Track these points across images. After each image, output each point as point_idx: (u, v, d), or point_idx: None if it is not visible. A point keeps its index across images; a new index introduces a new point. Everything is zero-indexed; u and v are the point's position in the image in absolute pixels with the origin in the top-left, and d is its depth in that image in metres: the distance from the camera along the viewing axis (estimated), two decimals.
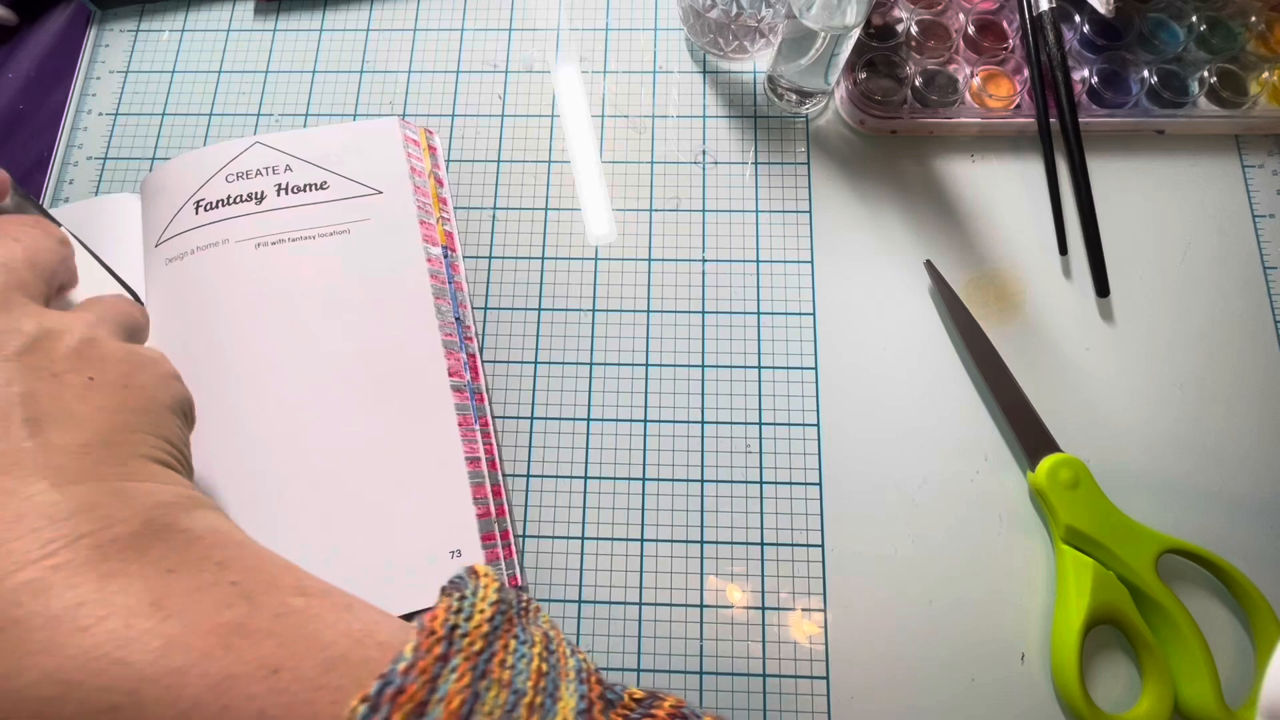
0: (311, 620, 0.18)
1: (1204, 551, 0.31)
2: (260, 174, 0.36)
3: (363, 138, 0.37)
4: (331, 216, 0.35)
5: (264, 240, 0.35)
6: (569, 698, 0.18)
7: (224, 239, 0.34)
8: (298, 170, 0.36)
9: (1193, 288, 0.36)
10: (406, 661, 0.17)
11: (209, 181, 0.35)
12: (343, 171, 0.36)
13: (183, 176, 0.36)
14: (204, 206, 0.35)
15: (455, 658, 0.18)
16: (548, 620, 0.22)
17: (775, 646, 0.31)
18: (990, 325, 0.35)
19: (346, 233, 0.35)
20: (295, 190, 0.36)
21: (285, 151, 0.36)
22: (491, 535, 0.32)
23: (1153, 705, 0.29)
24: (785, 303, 0.36)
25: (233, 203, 0.35)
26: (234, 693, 0.17)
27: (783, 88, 0.38)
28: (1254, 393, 0.34)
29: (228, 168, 0.36)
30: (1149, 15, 0.39)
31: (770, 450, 0.34)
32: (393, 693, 0.16)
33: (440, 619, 0.18)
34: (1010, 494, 0.33)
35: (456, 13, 0.42)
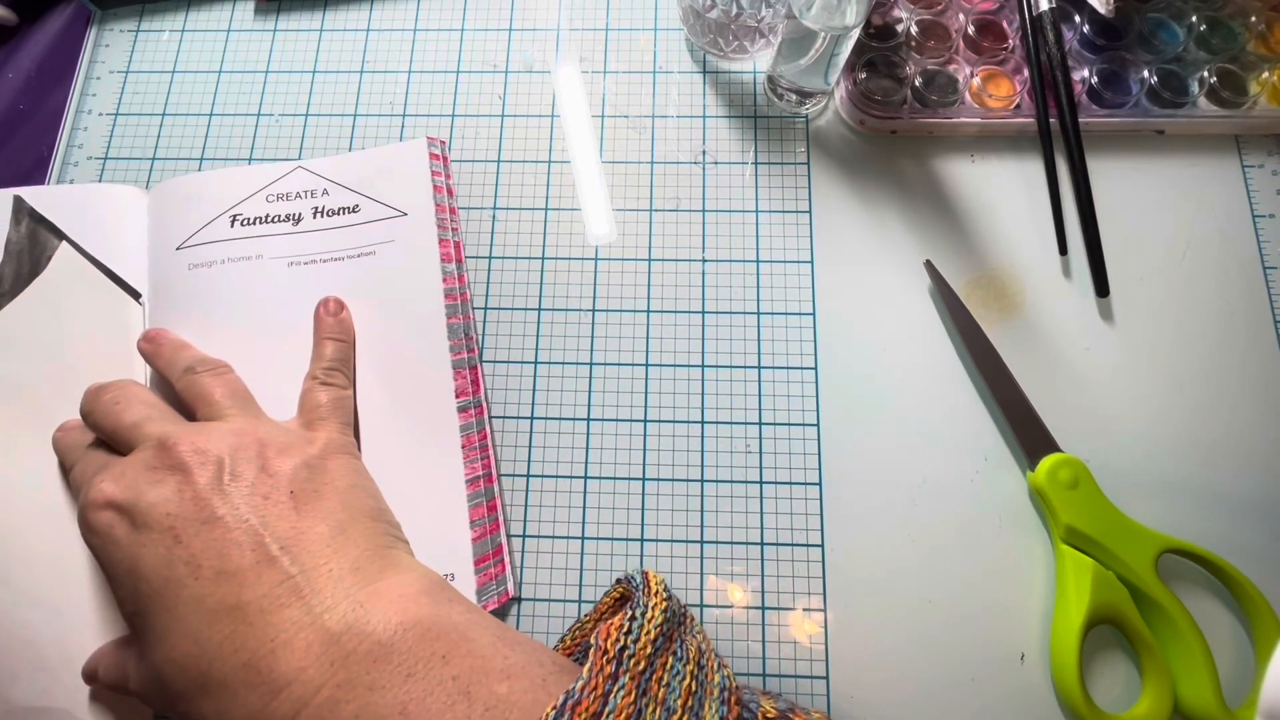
0: (510, 712, 0.22)
1: (1204, 551, 0.31)
2: (300, 197, 0.36)
3: (394, 160, 0.37)
4: (360, 239, 0.36)
5: (297, 260, 0.35)
6: (711, 716, 0.22)
7: (258, 254, 0.35)
8: (334, 194, 0.37)
9: (1193, 288, 0.36)
10: (584, 681, 0.21)
11: (249, 199, 0.36)
12: (374, 195, 0.37)
13: (221, 189, 0.36)
14: (241, 221, 0.36)
15: (623, 676, 0.21)
16: (701, 631, 0.25)
17: (775, 646, 0.31)
18: (990, 325, 0.35)
19: (372, 254, 0.36)
20: (330, 214, 0.36)
21: (324, 176, 0.37)
22: (485, 557, 0.32)
23: (1152, 705, 0.29)
24: (785, 303, 0.36)
25: (271, 221, 0.36)
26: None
27: (783, 88, 0.38)
28: (1254, 393, 0.34)
29: (270, 188, 0.36)
30: (1149, 15, 0.39)
31: (770, 450, 0.34)
32: (572, 704, 0.20)
33: (613, 639, 0.22)
34: (1010, 494, 0.33)
35: (456, 13, 0.42)
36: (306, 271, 0.35)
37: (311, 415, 0.31)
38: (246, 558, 0.24)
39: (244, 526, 0.25)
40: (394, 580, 0.25)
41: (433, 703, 0.22)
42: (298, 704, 0.22)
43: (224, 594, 0.24)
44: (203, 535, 0.24)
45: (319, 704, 0.22)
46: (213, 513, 0.25)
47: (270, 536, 0.25)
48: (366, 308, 0.35)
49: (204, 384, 0.30)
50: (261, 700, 0.22)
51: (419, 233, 0.36)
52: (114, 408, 0.29)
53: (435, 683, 0.22)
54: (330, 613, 0.24)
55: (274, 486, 0.26)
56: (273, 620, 0.23)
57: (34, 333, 0.34)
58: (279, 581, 0.24)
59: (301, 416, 0.31)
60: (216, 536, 0.24)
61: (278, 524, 0.25)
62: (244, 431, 0.28)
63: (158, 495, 0.25)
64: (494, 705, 0.22)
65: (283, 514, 0.25)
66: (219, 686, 0.23)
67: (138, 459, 0.26)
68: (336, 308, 0.34)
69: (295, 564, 0.25)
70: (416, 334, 0.34)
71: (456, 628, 0.24)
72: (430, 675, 0.22)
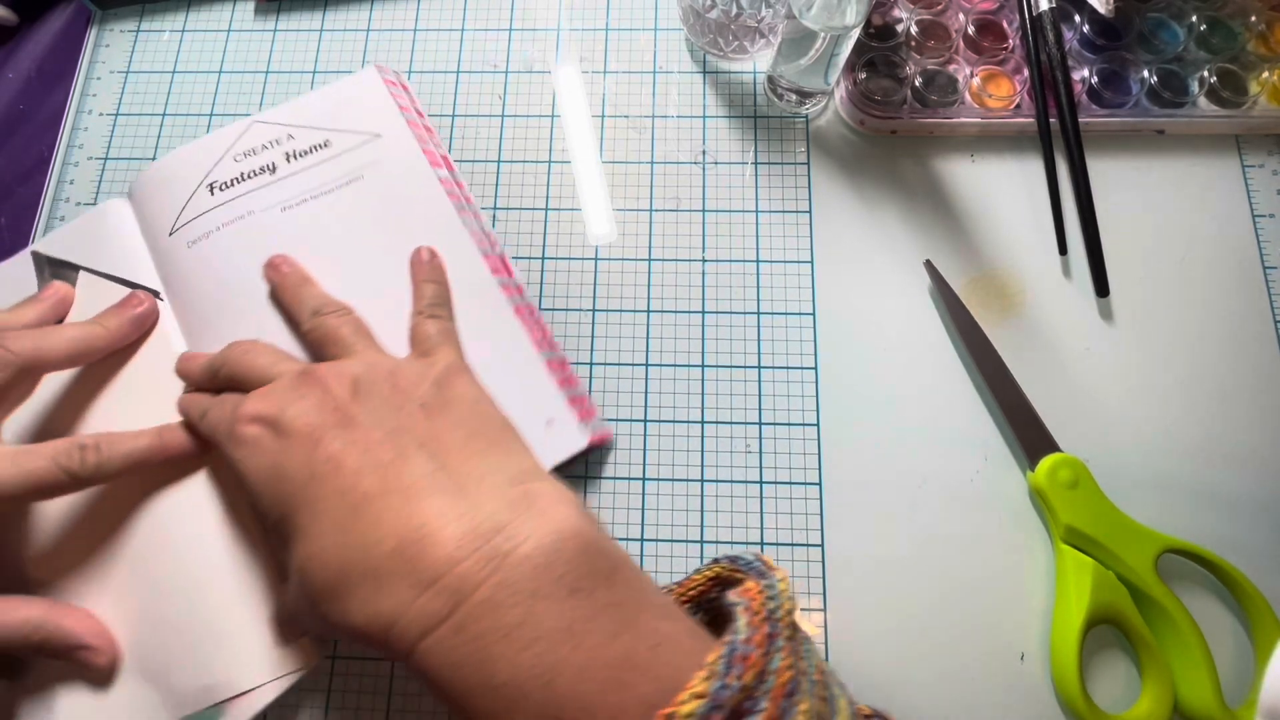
0: (675, 653, 0.21)
1: (1204, 551, 0.31)
2: (266, 147, 0.37)
3: (349, 90, 0.38)
4: (341, 169, 0.36)
5: (287, 204, 0.36)
6: (840, 695, 0.21)
7: (248, 211, 0.35)
8: (299, 136, 0.37)
9: (1193, 288, 0.36)
10: (744, 635, 0.20)
11: (218, 164, 0.36)
12: (340, 126, 0.37)
13: (187, 165, 0.36)
14: (219, 187, 0.36)
15: (779, 639, 0.20)
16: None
17: None
18: (990, 325, 0.35)
19: (361, 179, 0.36)
20: (303, 154, 0.37)
21: (283, 123, 0.37)
22: (577, 399, 0.33)
23: (1152, 705, 0.29)
24: (785, 303, 0.36)
25: (248, 178, 0.36)
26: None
27: (783, 88, 0.38)
28: (1254, 393, 0.34)
29: (233, 149, 0.37)
30: (1149, 15, 0.39)
31: (770, 450, 0.34)
32: (740, 657, 0.19)
33: (759, 601, 0.21)
34: (1010, 494, 0.33)
35: (456, 13, 0.42)
36: (302, 212, 0.35)
37: (425, 345, 0.31)
38: (386, 454, 0.24)
39: (382, 429, 0.25)
40: (540, 487, 0.24)
41: (597, 627, 0.20)
42: (453, 599, 0.21)
43: (366, 485, 0.23)
44: (342, 437, 0.25)
45: (478, 603, 0.21)
46: (351, 418, 0.25)
47: (408, 438, 0.25)
48: (374, 225, 0.35)
49: (331, 325, 0.31)
50: (412, 591, 0.21)
51: (398, 148, 0.37)
52: (245, 356, 0.30)
53: (600, 606, 0.21)
54: (478, 510, 0.23)
55: (406, 399, 0.27)
56: (419, 508, 0.23)
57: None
58: (422, 474, 0.24)
59: (415, 349, 0.32)
60: (356, 438, 0.25)
61: (414, 428, 0.26)
62: (375, 362, 0.28)
63: (300, 408, 0.26)
64: (659, 643, 0.21)
65: (416, 421, 0.26)
66: (364, 577, 0.22)
67: (279, 384, 0.27)
68: (429, 254, 0.34)
69: (434, 460, 0.24)
70: (432, 234, 0.35)
71: (614, 549, 0.23)
72: (595, 597, 0.21)
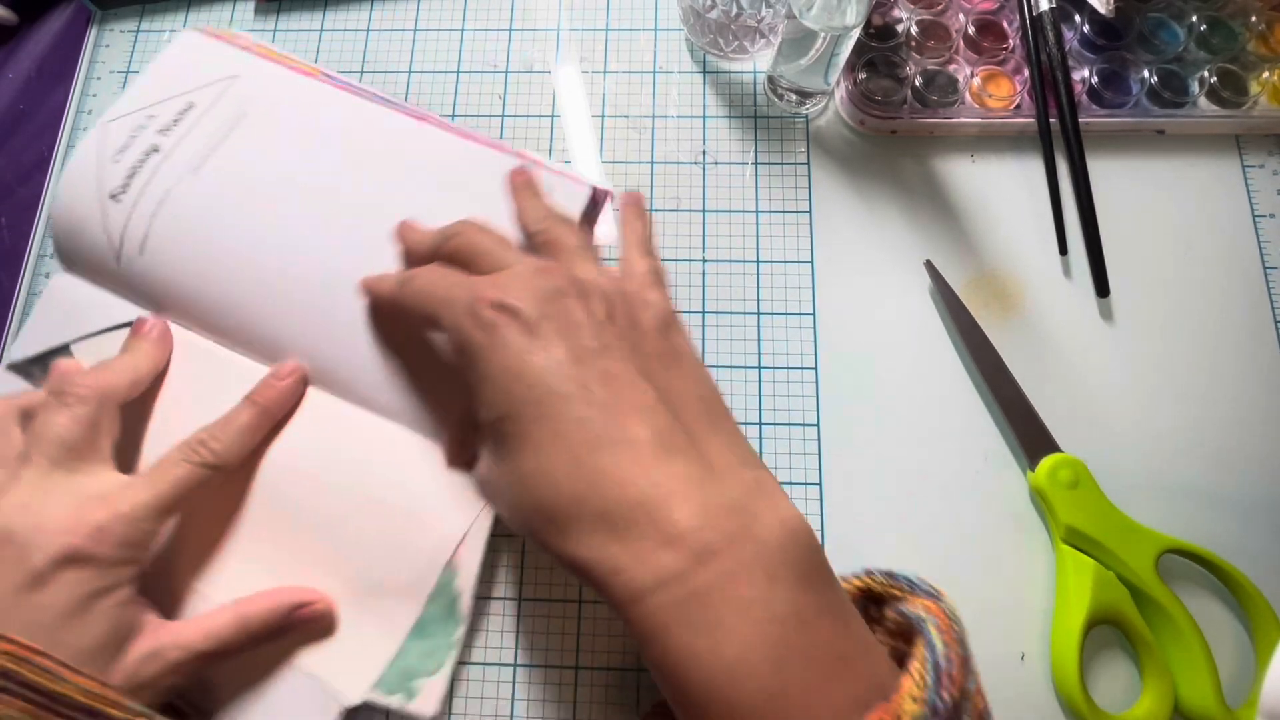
0: (880, 659, 0.21)
1: (1204, 551, 0.31)
2: (134, 136, 0.35)
3: (178, 56, 0.37)
4: (221, 116, 0.35)
5: (194, 166, 0.34)
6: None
7: (165, 192, 0.34)
8: (159, 112, 0.36)
9: (1193, 288, 0.36)
10: (942, 651, 0.21)
11: (101, 175, 0.35)
12: (191, 86, 0.36)
13: (76, 197, 0.34)
14: (118, 193, 0.34)
15: (972, 661, 0.21)
16: None
17: None
18: (990, 325, 0.35)
19: (245, 115, 0.35)
20: (174, 123, 0.35)
21: (135, 110, 0.36)
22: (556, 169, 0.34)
23: (1153, 705, 0.29)
24: (785, 303, 0.36)
25: (139, 169, 0.34)
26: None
27: (783, 88, 0.38)
28: (1254, 393, 0.34)
29: (103, 155, 0.35)
30: (1149, 15, 0.39)
31: (770, 450, 0.34)
32: (945, 673, 0.20)
33: (946, 622, 0.22)
34: (1010, 494, 0.33)
35: (456, 13, 0.42)
36: (212, 167, 0.34)
37: (639, 280, 0.29)
38: (637, 396, 0.23)
39: (630, 365, 0.24)
40: (766, 476, 0.24)
41: (823, 621, 0.21)
42: (694, 560, 0.20)
43: (612, 426, 0.22)
44: (594, 365, 0.23)
45: (718, 571, 0.20)
46: (606, 345, 0.24)
47: (653, 383, 0.24)
48: (292, 147, 0.35)
49: (559, 232, 0.29)
50: (650, 544, 0.21)
51: (262, 76, 0.36)
52: (479, 234, 0.28)
53: (825, 602, 0.21)
54: (722, 485, 0.22)
55: (643, 338, 0.25)
56: (666, 467, 0.22)
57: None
58: (668, 430, 0.23)
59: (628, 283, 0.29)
60: (608, 370, 0.23)
61: (655, 374, 0.24)
62: (616, 287, 0.27)
63: (557, 313, 0.24)
64: (868, 647, 0.21)
65: (655, 367, 0.25)
66: (599, 517, 0.21)
67: (527, 277, 0.25)
68: (634, 197, 0.32)
69: (677, 419, 0.23)
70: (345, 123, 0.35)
71: (826, 555, 0.23)
72: (821, 593, 0.21)
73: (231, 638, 0.27)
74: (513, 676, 0.31)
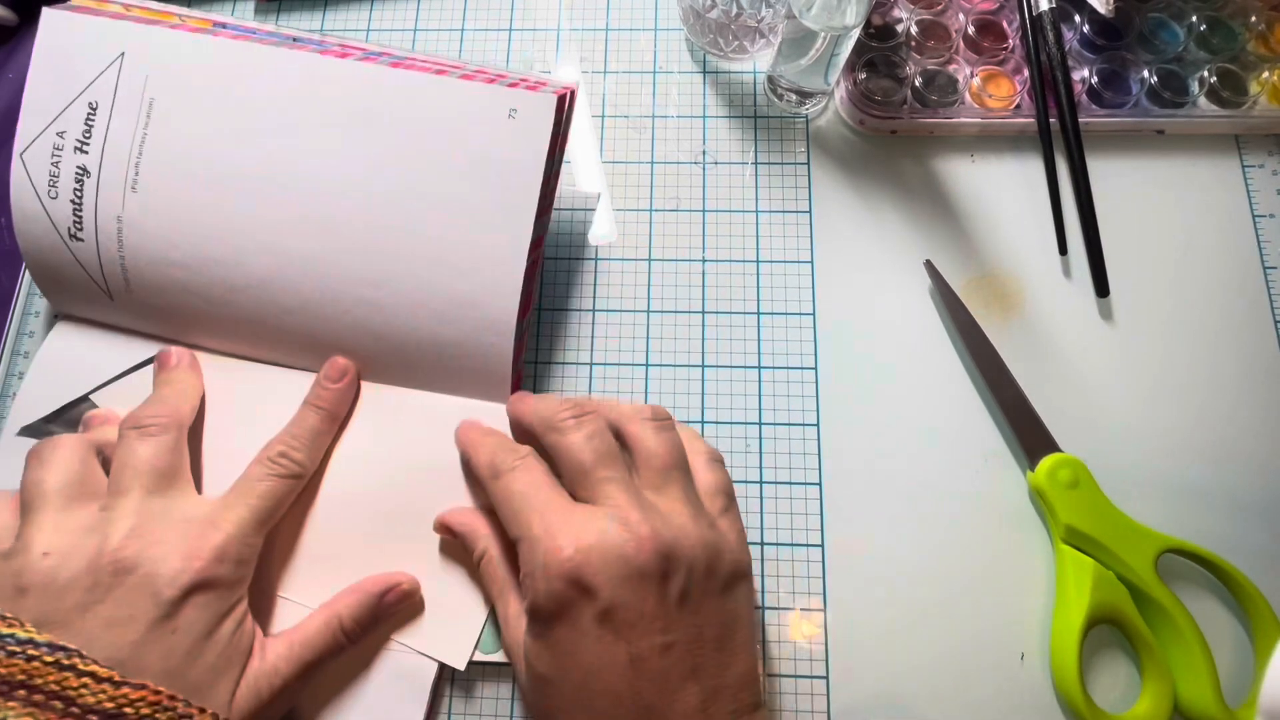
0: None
1: (1204, 551, 0.31)
2: (57, 162, 0.33)
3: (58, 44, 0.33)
4: (129, 110, 0.32)
5: (125, 174, 0.32)
6: None
7: (117, 220, 0.32)
8: (67, 127, 0.33)
9: (1193, 288, 0.36)
10: None
11: (55, 215, 0.33)
12: (81, 85, 0.33)
13: (42, 251, 0.33)
14: (74, 230, 0.32)
15: None
16: None
17: (775, 646, 0.31)
18: (990, 325, 0.35)
19: (153, 99, 0.32)
20: (85, 134, 0.32)
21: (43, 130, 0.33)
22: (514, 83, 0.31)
23: (1153, 705, 0.29)
24: (785, 303, 0.36)
25: (78, 196, 0.32)
26: None
27: (783, 88, 0.38)
28: (1254, 393, 0.34)
29: (40, 192, 0.33)
30: (1149, 15, 0.39)
31: (770, 450, 0.34)
32: None
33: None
34: (1010, 494, 0.33)
35: (456, 13, 0.42)
36: (145, 163, 0.32)
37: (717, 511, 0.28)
38: (681, 706, 0.24)
39: (684, 667, 0.24)
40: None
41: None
42: None
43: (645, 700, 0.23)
44: (653, 667, 0.24)
45: None
46: (668, 644, 0.24)
47: (700, 682, 0.24)
48: (218, 121, 0.32)
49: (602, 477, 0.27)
50: None
51: (151, 45, 0.32)
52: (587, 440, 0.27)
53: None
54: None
55: (707, 621, 0.25)
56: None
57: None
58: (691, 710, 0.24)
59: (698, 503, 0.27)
60: (666, 674, 0.24)
61: (706, 667, 0.24)
62: (696, 522, 0.26)
63: (629, 596, 0.24)
64: None
65: (707, 659, 0.24)
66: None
67: (609, 541, 0.24)
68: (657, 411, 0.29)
69: (705, 693, 0.24)
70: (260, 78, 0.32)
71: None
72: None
73: (329, 639, 0.28)
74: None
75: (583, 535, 0.24)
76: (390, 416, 0.33)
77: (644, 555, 0.24)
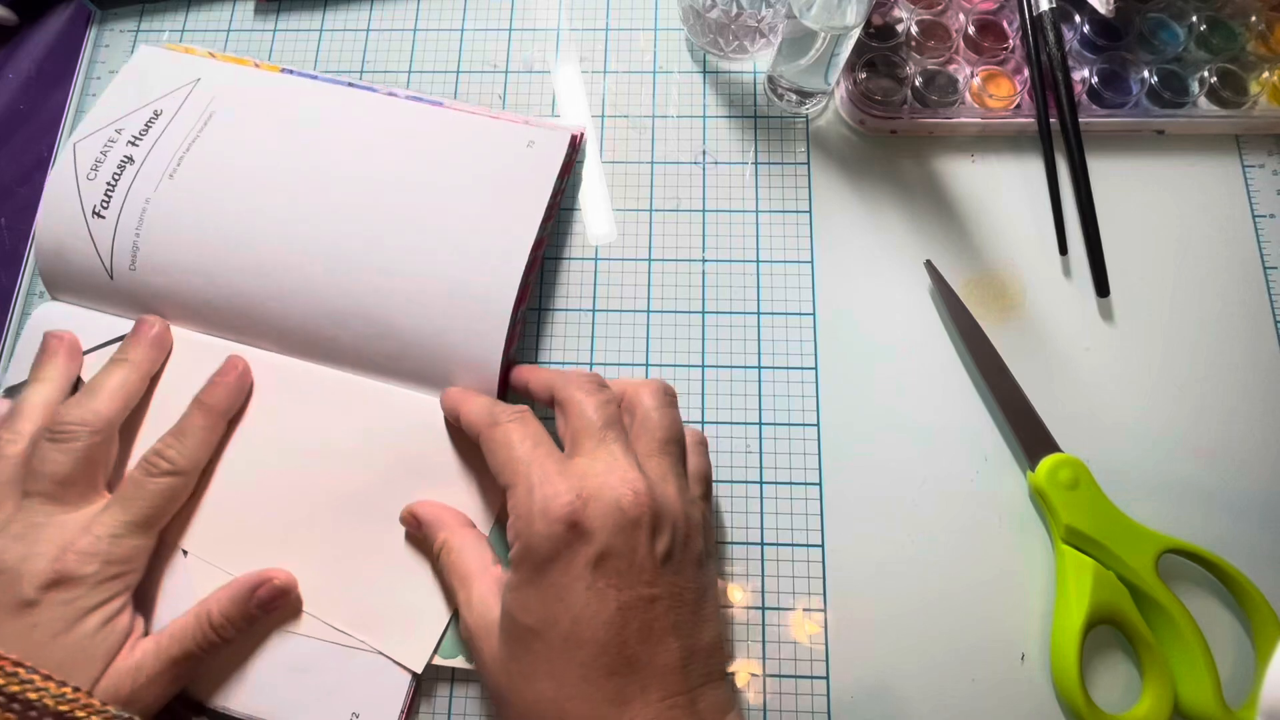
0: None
1: (1204, 551, 0.31)
2: (106, 151, 0.35)
3: (139, 69, 0.37)
4: (189, 119, 0.36)
5: (169, 172, 0.35)
6: None
7: (145, 201, 0.34)
8: (126, 125, 0.36)
9: (1193, 288, 0.36)
10: None
11: (81, 193, 0.35)
12: (155, 95, 0.36)
13: (61, 216, 0.35)
14: (100, 209, 0.34)
15: None
16: None
17: (775, 646, 0.31)
18: (990, 325, 0.35)
19: (213, 114, 0.36)
20: (143, 133, 0.35)
21: (103, 126, 0.36)
22: (535, 122, 0.38)
23: (1153, 705, 0.29)
24: (785, 303, 0.36)
25: (115, 182, 0.35)
26: None
27: (783, 88, 0.38)
28: (1254, 393, 0.34)
29: (80, 174, 0.35)
30: (1149, 15, 0.39)
31: (770, 450, 0.34)
32: None
33: None
34: (1010, 494, 0.33)
35: (456, 13, 0.42)
36: (185, 169, 0.35)
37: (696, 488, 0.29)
38: (664, 659, 0.25)
39: (668, 623, 0.25)
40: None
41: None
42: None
43: (631, 685, 0.24)
44: (640, 617, 0.25)
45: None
46: (654, 597, 0.25)
47: (680, 639, 0.25)
48: (265, 139, 0.35)
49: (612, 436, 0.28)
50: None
51: (225, 76, 0.37)
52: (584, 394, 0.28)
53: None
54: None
55: (687, 583, 0.26)
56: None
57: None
58: (677, 698, 0.24)
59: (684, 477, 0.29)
60: (651, 625, 0.25)
61: (685, 624, 0.26)
62: (684, 493, 0.27)
63: (623, 544, 0.25)
64: None
65: (686, 619, 0.26)
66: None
67: (608, 488, 0.25)
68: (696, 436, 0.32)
69: (687, 673, 0.25)
70: (319, 108, 0.36)
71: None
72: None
73: (197, 634, 0.28)
74: None
75: (582, 483, 0.26)
76: (372, 413, 0.33)
77: (639, 509, 0.25)
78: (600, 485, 0.25)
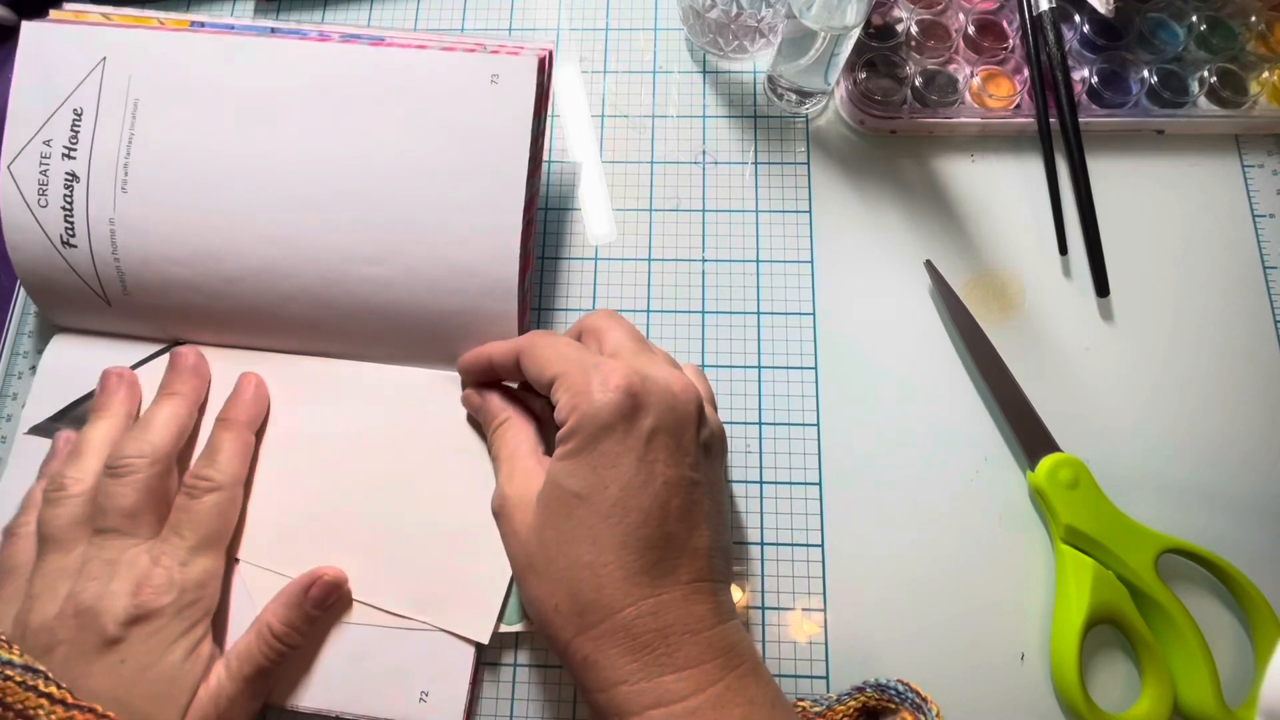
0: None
1: (1204, 551, 0.31)
2: (45, 171, 0.33)
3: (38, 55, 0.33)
4: (114, 110, 0.32)
5: (116, 175, 0.32)
6: None
7: (109, 222, 0.32)
8: (53, 134, 0.33)
9: (1193, 288, 0.36)
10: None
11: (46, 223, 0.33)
12: (65, 86, 0.33)
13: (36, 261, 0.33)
14: (67, 237, 0.33)
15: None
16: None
17: (775, 646, 0.31)
18: (990, 325, 0.35)
19: (139, 99, 0.32)
20: (72, 139, 0.33)
21: (30, 140, 0.33)
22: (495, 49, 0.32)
23: (1152, 705, 0.29)
24: (785, 303, 0.36)
25: (73, 207, 0.33)
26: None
27: (783, 88, 0.38)
28: (1254, 393, 0.34)
29: (30, 202, 0.33)
30: (1149, 15, 0.39)
31: (770, 450, 0.34)
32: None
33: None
34: (1010, 494, 0.33)
35: (456, 13, 0.42)
36: (135, 160, 0.32)
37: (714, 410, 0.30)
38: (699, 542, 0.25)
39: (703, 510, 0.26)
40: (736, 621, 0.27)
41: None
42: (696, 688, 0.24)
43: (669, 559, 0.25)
44: (683, 496, 0.25)
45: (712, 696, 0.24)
46: (695, 482, 0.26)
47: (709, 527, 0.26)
48: (208, 110, 0.32)
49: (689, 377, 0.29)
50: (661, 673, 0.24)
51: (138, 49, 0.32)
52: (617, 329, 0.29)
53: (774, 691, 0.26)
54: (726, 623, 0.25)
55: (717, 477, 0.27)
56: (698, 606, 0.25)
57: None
58: (709, 573, 0.25)
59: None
60: (692, 506, 0.26)
61: (713, 515, 0.26)
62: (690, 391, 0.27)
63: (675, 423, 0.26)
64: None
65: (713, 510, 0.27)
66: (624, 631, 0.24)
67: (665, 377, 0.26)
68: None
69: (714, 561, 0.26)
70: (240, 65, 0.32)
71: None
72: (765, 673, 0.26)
73: (263, 649, 0.28)
74: None
75: (634, 367, 0.26)
76: (391, 396, 0.33)
77: (688, 395, 0.27)
78: (651, 371, 0.26)
